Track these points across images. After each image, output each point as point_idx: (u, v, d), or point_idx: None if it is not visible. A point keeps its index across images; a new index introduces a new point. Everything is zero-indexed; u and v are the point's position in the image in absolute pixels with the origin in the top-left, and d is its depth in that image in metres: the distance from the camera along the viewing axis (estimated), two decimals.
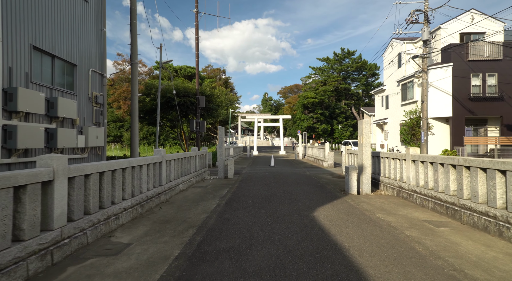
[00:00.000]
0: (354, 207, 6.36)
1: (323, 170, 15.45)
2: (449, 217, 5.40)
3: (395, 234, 4.45)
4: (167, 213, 5.93)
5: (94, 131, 9.97)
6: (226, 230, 4.70)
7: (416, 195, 6.77)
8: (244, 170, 15.77)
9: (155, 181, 6.95)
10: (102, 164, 4.57)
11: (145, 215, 5.74)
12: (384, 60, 25.85)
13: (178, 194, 8.23)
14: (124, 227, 4.87)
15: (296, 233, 4.50)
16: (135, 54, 12.02)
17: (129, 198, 5.49)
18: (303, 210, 6.11)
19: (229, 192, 8.43)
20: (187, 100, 18.73)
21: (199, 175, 11.28)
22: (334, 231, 4.60)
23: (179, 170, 8.98)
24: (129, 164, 5.51)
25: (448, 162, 5.62)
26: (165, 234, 4.50)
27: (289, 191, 8.48)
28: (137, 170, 5.93)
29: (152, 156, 6.87)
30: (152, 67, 49.35)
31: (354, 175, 8.26)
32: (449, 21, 18.84)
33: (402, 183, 7.57)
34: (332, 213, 5.80)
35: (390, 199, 7.36)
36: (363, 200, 7.23)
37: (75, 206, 3.90)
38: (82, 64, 9.67)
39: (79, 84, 9.53)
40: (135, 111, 11.97)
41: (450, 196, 5.53)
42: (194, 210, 6.21)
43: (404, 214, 5.77)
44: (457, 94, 17.88)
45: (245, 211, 6.04)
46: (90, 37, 10.16)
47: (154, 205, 6.55)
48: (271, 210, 6.07)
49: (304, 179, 11.36)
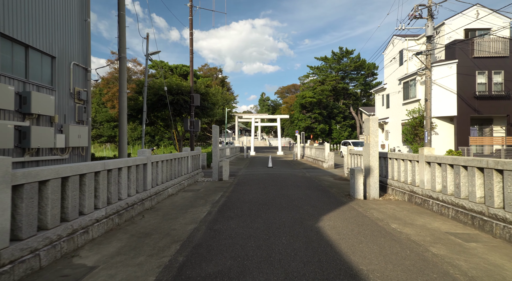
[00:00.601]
0: (364, 215, 5.59)
1: (324, 171, 14.70)
2: (477, 229, 4.65)
3: (420, 252, 3.69)
4: (149, 223, 5.13)
5: (76, 130, 9.14)
6: (216, 246, 3.91)
7: (432, 201, 6.02)
8: (240, 171, 14.98)
9: (138, 185, 6.15)
10: (65, 167, 3.77)
11: (123, 226, 4.94)
12: (385, 58, 25.17)
13: (166, 199, 7.43)
14: (94, 243, 4.07)
15: (300, 251, 3.72)
16: (124, 48, 11.21)
17: (103, 206, 4.69)
18: (306, 219, 5.33)
19: (222, 197, 7.65)
20: (181, 99, 17.89)
21: (192, 177, 10.48)
22: (345, 248, 3.83)
23: (168, 173, 8.18)
24: (103, 167, 4.70)
25: (473, 164, 4.87)
26: (141, 252, 3.71)
27: (288, 196, 7.70)
28: (114, 174, 5.12)
29: (134, 157, 6.07)
30: (148, 66, 48.35)
31: (361, 178, 7.50)
32: (453, 17, 18.18)
33: (414, 186, 6.82)
34: (340, 223, 5.03)
35: (401, 205, 6.60)
36: (372, 206, 6.47)
37: (23, 220, 3.10)
38: (63, 56, 8.84)
39: (59, 78, 8.70)
40: (124, 109, 11.17)
41: (477, 203, 4.79)
42: (181, 219, 5.42)
43: (422, 224, 5.02)
44: (462, 92, 17.21)
45: (240, 220, 5.25)
46: (72, 28, 9.32)
47: (136, 213, 5.74)
48: (269, 219, 5.29)
49: (304, 182, 10.60)
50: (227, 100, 44.98)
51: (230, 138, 70.40)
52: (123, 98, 11.24)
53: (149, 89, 18.86)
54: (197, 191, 8.77)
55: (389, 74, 24.31)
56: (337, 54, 54.56)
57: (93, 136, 47.88)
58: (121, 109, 11.15)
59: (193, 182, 10.62)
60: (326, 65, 56.07)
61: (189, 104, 17.49)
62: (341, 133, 49.67)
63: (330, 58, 55.24)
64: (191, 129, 16.19)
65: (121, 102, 11.21)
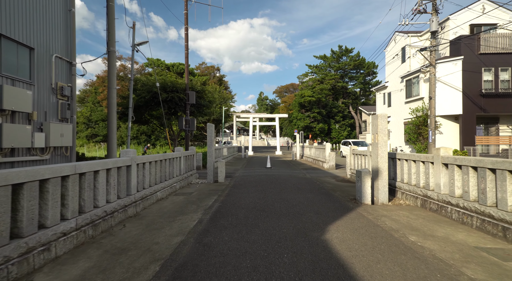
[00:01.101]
0: (376, 225, 4.92)
1: (325, 172, 14.04)
2: (510, 242, 3.98)
3: (452, 275, 3.02)
4: (130, 234, 4.44)
5: (59, 129, 8.42)
6: (204, 267, 3.23)
7: (451, 207, 5.36)
8: (237, 172, 14.29)
9: (120, 190, 5.45)
10: (17, 172, 3.07)
11: (98, 238, 4.24)
12: (387, 56, 24.52)
13: (154, 204, 6.73)
14: (57, 263, 3.37)
15: (306, 274, 3.04)
16: (113, 41, 10.46)
17: (73, 216, 3.99)
18: (310, 229, 4.66)
19: (216, 202, 6.96)
20: (175, 96, 17.16)
21: (185, 179, 9.78)
22: (361, 269, 3.15)
23: (158, 175, 7.48)
24: (73, 170, 4.00)
25: (504, 167, 4.21)
26: (110, 277, 3.01)
27: (289, 200, 7.02)
28: (89, 178, 4.42)
29: (115, 159, 5.37)
30: (144, 64, 47.63)
31: (368, 181, 6.83)
32: (458, 12, 17.55)
33: (428, 191, 6.16)
34: (350, 235, 4.35)
35: (415, 212, 5.94)
36: (382, 213, 5.80)
37: None
38: (43, 48, 8.11)
39: (39, 72, 7.98)
40: (113, 106, 10.43)
41: (509, 212, 4.12)
42: (167, 229, 4.73)
43: (445, 235, 4.35)
44: (467, 90, 16.59)
45: (234, 231, 4.57)
46: (55, 18, 8.60)
47: (117, 222, 5.05)
48: (268, 230, 4.61)
49: (305, 184, 9.92)
50: (224, 99, 44.27)
51: (228, 138, 69.71)
52: (112, 95, 10.51)
53: (143, 86, 18.14)
54: (189, 194, 8.08)
55: (390, 72, 23.68)
56: (336, 52, 53.92)
57: (89, 136, 47.11)
58: (109, 106, 10.43)
59: (186, 184, 9.92)
60: (325, 64, 55.44)
61: (184, 102, 16.79)
62: (340, 133, 49.06)
63: (329, 56, 54.60)
64: (186, 128, 15.48)
65: (110, 99, 10.49)
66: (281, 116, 37.00)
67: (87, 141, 46.31)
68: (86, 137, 46.98)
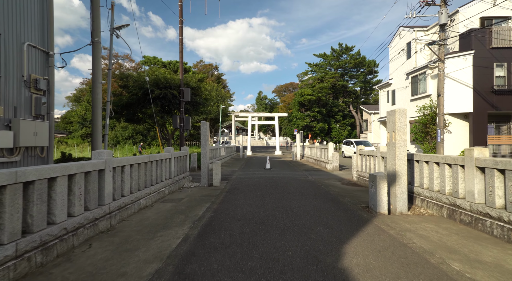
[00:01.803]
0: (402, 244, 3.97)
1: (328, 174, 13.10)
2: None
3: None
4: (92, 260, 3.47)
5: (31, 126, 7.44)
6: None
7: (490, 221, 4.42)
8: (234, 174, 13.33)
9: (88, 199, 4.48)
10: None
11: (48, 267, 3.28)
12: (391, 52, 23.60)
13: (136, 213, 5.77)
14: None
15: None
16: (97, 31, 9.51)
17: (14, 239, 3.02)
18: (321, 251, 3.70)
19: (208, 210, 6.00)
20: (169, 93, 16.17)
21: (176, 182, 8.82)
22: None
23: (142, 179, 6.52)
24: (13, 179, 3.03)
25: None
26: None
27: (292, 209, 6.07)
28: (40, 187, 3.45)
29: (82, 162, 4.40)
30: (140, 62, 46.60)
31: (385, 187, 5.86)
32: (468, 4, 16.65)
33: (457, 199, 5.22)
34: (374, 261, 3.40)
35: (442, 224, 5.00)
36: (405, 226, 4.86)
37: None
38: (11, 34, 7.13)
39: (6, 62, 6.99)
40: (97, 102, 9.49)
41: None
42: (142, 250, 3.77)
43: (495, 261, 3.41)
44: (478, 86, 15.68)
45: (226, 254, 3.61)
46: (27, 1, 7.61)
47: (82, 241, 4.08)
48: (269, 253, 3.65)
49: (309, 187, 8.97)
50: (222, 98, 43.30)
51: (227, 138, 68.77)
52: (96, 90, 9.60)
53: (135, 82, 17.16)
54: (178, 201, 7.12)
55: (395, 69, 22.76)
56: (336, 50, 52.98)
57: (83, 136, 46.02)
58: (94, 102, 9.51)
59: (177, 188, 8.96)
60: (325, 62, 54.51)
61: (179, 99, 15.82)
62: (341, 133, 48.15)
63: (329, 55, 53.65)
64: (180, 127, 14.52)
65: (95, 94, 9.57)
66: (280, 115, 36.08)
67: (82, 140, 45.19)
68: (81, 137, 45.86)
